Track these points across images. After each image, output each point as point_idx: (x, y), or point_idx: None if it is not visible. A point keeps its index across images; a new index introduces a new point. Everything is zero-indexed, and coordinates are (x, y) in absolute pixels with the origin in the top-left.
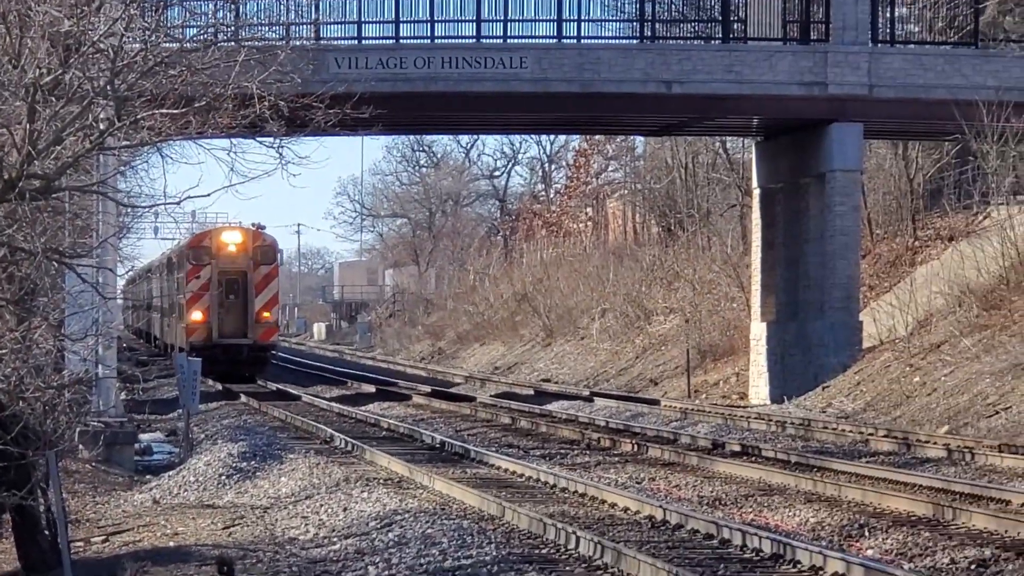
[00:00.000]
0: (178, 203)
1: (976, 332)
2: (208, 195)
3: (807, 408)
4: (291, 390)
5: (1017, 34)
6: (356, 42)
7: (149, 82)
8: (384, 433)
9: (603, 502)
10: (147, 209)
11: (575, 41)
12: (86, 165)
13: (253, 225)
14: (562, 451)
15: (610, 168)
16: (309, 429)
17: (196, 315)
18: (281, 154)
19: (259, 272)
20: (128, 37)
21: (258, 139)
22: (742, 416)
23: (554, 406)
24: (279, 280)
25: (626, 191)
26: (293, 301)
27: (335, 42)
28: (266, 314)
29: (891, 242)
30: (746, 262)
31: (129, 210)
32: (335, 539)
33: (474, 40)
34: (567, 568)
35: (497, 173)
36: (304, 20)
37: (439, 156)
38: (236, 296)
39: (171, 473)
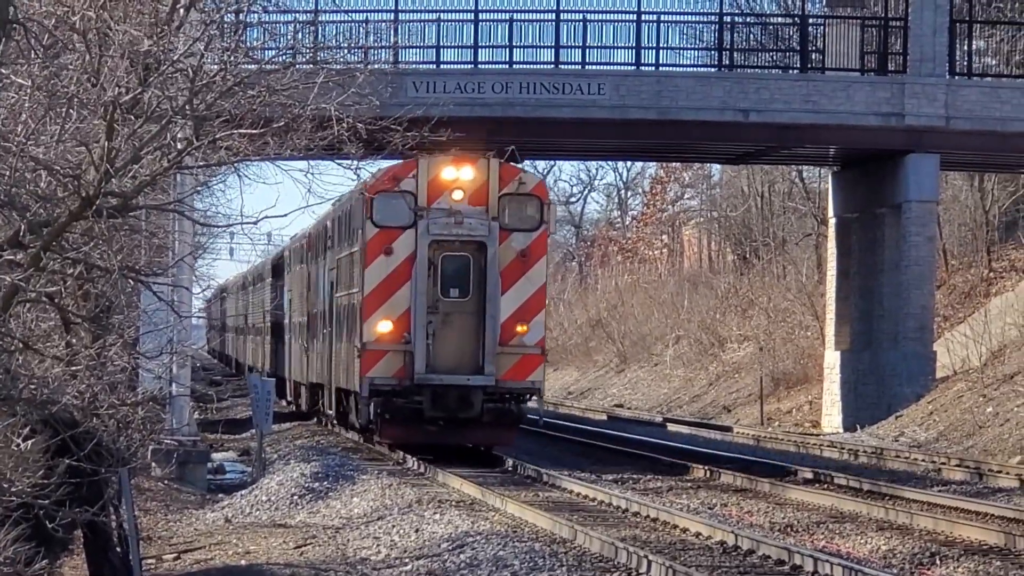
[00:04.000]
0: (255, 223)
1: None
2: (285, 215)
3: (879, 437)
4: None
5: None
6: (434, 66)
7: (227, 102)
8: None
9: (675, 527)
10: (223, 229)
11: (653, 68)
12: (163, 184)
13: (493, 153)
14: (634, 476)
15: (686, 195)
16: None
17: (383, 326)
18: (358, 175)
19: (510, 245)
20: (207, 57)
21: (336, 160)
22: (815, 444)
23: (627, 432)
24: (547, 262)
25: (702, 219)
26: None
27: (413, 66)
28: (520, 328)
29: (966, 273)
30: (820, 291)
31: (205, 229)
32: (407, 560)
33: (552, 66)
34: None
35: (573, 199)
36: (383, 44)
37: None
38: (463, 292)
39: (243, 492)
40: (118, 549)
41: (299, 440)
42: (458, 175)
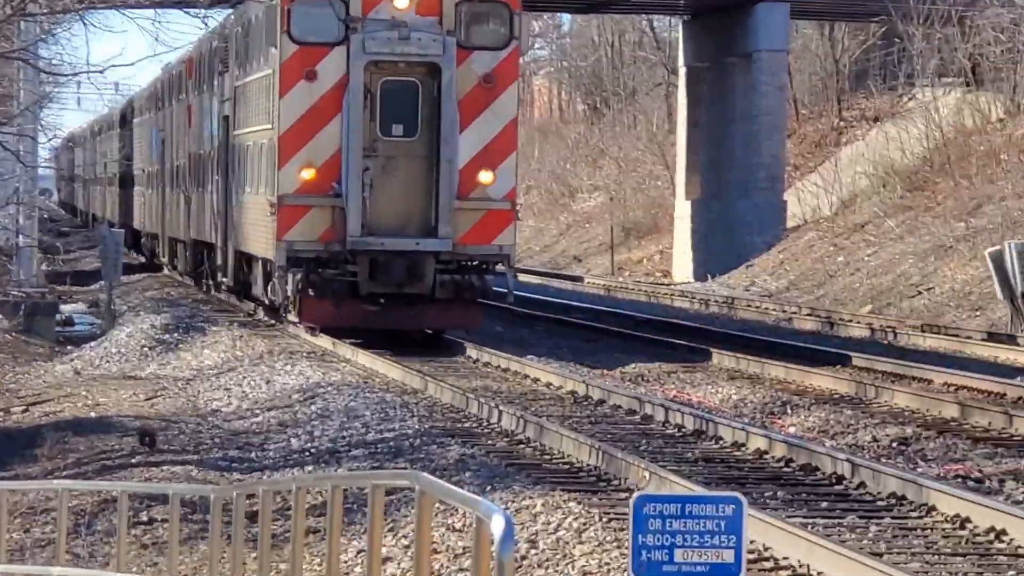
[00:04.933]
0: (101, 72)
1: (900, 213)
2: (132, 64)
3: (730, 286)
4: None
5: None
6: None
7: None
8: None
9: (526, 377)
10: (69, 77)
11: None
12: (7, 32)
13: None
14: (484, 327)
15: (536, 45)
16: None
17: (305, 174)
18: (207, 24)
19: (470, 68)
20: None
21: (184, 9)
22: (665, 294)
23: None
24: (518, 89)
25: (552, 69)
26: None
27: None
28: (484, 176)
29: (816, 123)
30: (671, 141)
31: (51, 78)
32: (258, 411)
33: None
34: (489, 442)
35: None
36: None
37: None
38: (409, 130)
39: (92, 344)
40: None
41: (149, 292)
42: None
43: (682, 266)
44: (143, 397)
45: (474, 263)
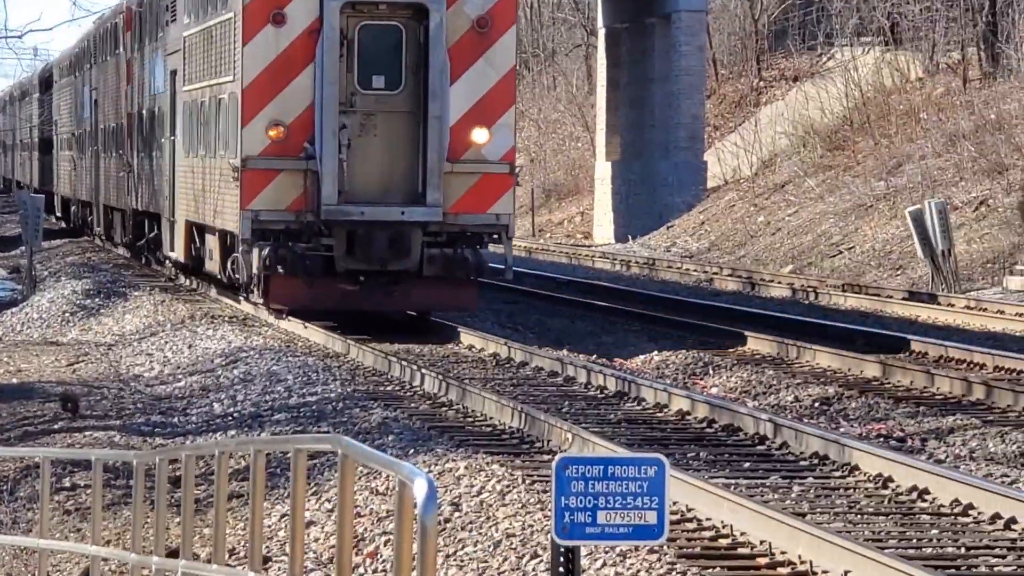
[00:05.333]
0: (19, 36)
1: (820, 172)
2: (50, 29)
3: (651, 247)
4: None
5: None
6: None
7: None
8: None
9: (448, 340)
10: None
11: None
12: None
13: None
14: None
15: None
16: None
17: (273, 132)
18: None
19: (462, 10)
20: None
21: None
22: (587, 255)
23: None
24: (516, 34)
25: None
26: None
27: None
28: (479, 134)
29: (736, 83)
30: (591, 102)
31: None
32: (180, 376)
33: None
34: (412, 405)
35: None
36: None
37: None
38: (392, 82)
39: (13, 310)
40: None
41: (70, 257)
42: None
43: (603, 228)
44: (65, 363)
45: (467, 234)
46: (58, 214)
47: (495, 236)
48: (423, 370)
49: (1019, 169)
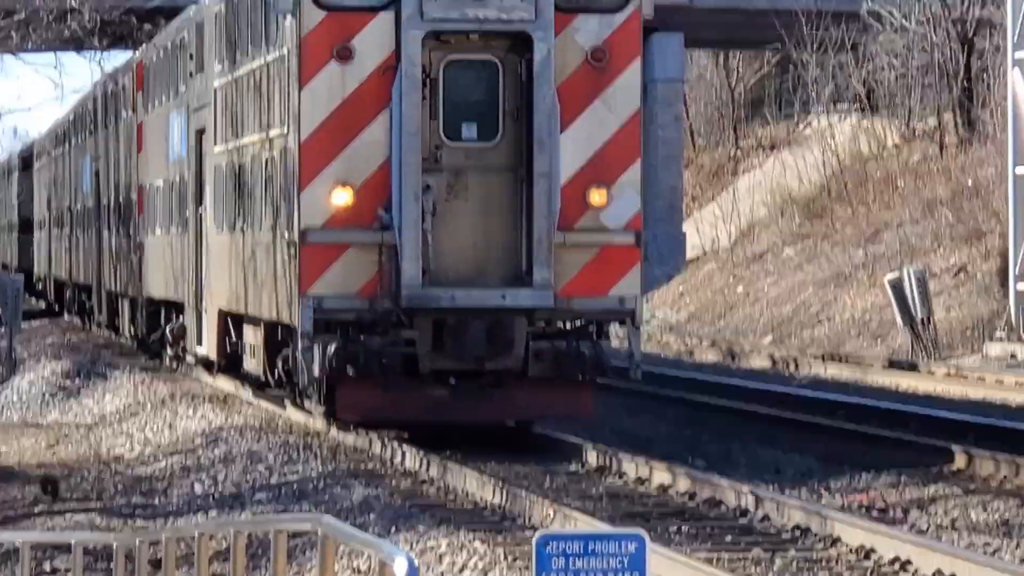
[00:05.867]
0: None
1: (799, 241)
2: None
3: None
4: None
5: None
6: None
7: None
8: None
9: None
10: None
11: None
12: None
13: None
14: None
15: None
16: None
17: (339, 197)
18: (102, 68)
19: (573, 40)
20: None
21: (80, 52)
22: None
23: None
24: (641, 77)
25: None
26: None
27: None
28: (597, 195)
29: (713, 152)
30: None
31: None
32: (161, 456)
33: None
34: (393, 482)
35: None
36: None
37: None
38: (487, 132)
39: None
40: None
41: (49, 338)
42: None
43: None
44: (45, 445)
45: (584, 324)
46: (47, 298)
47: (619, 323)
48: (403, 446)
49: (997, 235)
